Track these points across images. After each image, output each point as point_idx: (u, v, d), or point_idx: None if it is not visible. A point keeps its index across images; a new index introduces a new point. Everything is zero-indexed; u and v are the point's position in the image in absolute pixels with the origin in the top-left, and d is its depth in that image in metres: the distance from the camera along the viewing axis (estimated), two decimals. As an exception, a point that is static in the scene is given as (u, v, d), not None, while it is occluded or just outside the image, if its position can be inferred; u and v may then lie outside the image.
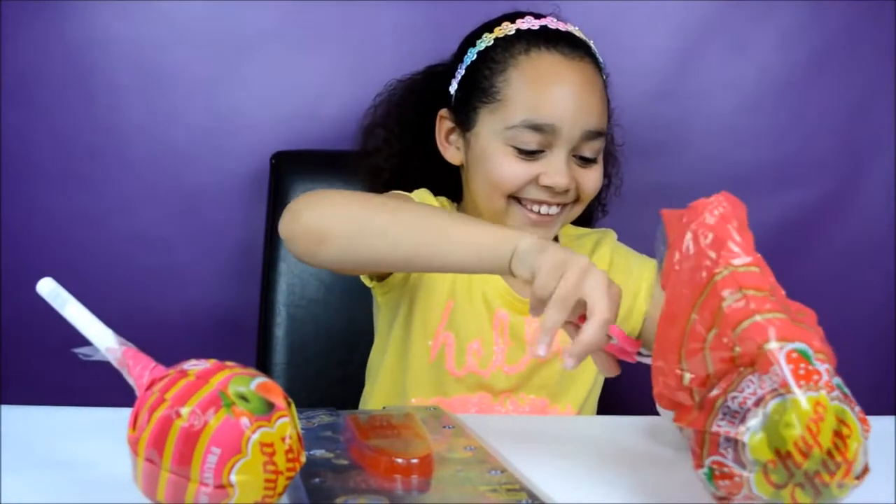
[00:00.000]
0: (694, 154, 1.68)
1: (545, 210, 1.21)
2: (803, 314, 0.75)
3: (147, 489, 0.70)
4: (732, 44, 1.67)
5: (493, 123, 1.21)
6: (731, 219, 0.75)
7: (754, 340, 0.69)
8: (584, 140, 1.19)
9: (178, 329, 1.61)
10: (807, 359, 0.69)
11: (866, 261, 1.71)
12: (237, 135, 1.62)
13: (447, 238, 0.97)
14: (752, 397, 0.68)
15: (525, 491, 0.76)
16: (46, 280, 0.79)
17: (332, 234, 1.02)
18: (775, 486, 0.67)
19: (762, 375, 0.68)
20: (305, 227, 1.03)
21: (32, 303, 0.83)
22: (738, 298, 0.71)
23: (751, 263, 0.73)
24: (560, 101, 1.19)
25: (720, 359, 0.71)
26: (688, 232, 0.75)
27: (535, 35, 1.22)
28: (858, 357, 1.71)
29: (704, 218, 0.75)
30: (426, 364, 1.24)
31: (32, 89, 1.58)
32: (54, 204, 1.60)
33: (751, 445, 0.67)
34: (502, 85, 1.21)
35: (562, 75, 1.20)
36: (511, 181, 1.19)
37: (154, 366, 0.74)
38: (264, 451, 0.67)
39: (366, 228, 1.01)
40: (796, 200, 1.69)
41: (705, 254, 0.74)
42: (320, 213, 1.04)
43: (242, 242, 1.62)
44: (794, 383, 0.68)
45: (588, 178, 1.22)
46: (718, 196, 0.77)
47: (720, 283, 0.72)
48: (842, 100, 1.68)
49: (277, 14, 1.61)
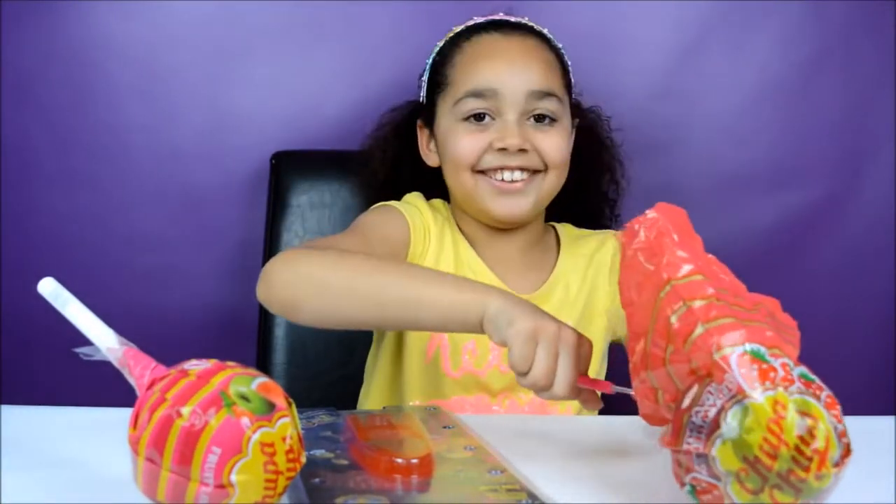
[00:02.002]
0: (694, 154, 1.68)
1: (509, 176, 1.23)
2: (759, 306, 0.74)
3: (147, 489, 0.70)
4: (732, 44, 1.67)
5: (445, 106, 1.27)
6: (670, 230, 0.75)
7: (705, 351, 0.69)
8: (533, 100, 1.23)
9: (178, 329, 1.61)
10: (760, 358, 0.68)
11: (866, 261, 1.71)
12: (237, 135, 1.62)
13: (418, 301, 0.97)
14: (713, 409, 0.68)
15: (525, 491, 0.76)
16: (47, 280, 0.79)
17: (304, 303, 1.03)
18: (752, 492, 0.67)
19: (718, 385, 0.68)
20: (278, 296, 1.04)
21: (32, 303, 0.83)
22: (683, 313, 0.71)
23: (693, 271, 0.73)
24: (499, 67, 1.24)
25: (683, 373, 0.71)
26: (628, 252, 0.76)
27: (480, 25, 1.29)
28: (858, 357, 1.72)
29: (640, 236, 0.75)
30: (422, 366, 1.25)
31: (32, 89, 1.58)
32: (54, 204, 1.60)
33: (719, 458, 0.67)
34: (450, 71, 1.27)
35: (500, 48, 1.26)
36: (468, 153, 1.23)
37: (155, 365, 0.74)
38: (265, 451, 0.67)
39: (336, 296, 1.01)
40: (796, 200, 1.69)
41: (649, 271, 0.74)
42: (290, 281, 1.04)
43: (242, 242, 1.62)
44: (748, 387, 0.67)
45: (547, 141, 1.23)
46: (653, 210, 0.77)
47: (665, 301, 0.72)
48: (842, 100, 1.68)
49: (277, 14, 1.61)
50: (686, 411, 0.69)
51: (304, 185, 1.49)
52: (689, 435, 0.69)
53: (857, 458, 0.69)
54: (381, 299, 0.99)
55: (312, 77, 1.63)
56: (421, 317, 0.98)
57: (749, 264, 1.75)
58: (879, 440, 0.91)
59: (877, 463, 0.73)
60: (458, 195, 1.29)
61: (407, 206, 1.28)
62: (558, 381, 0.88)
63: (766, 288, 0.76)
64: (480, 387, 1.24)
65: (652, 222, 0.75)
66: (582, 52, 1.58)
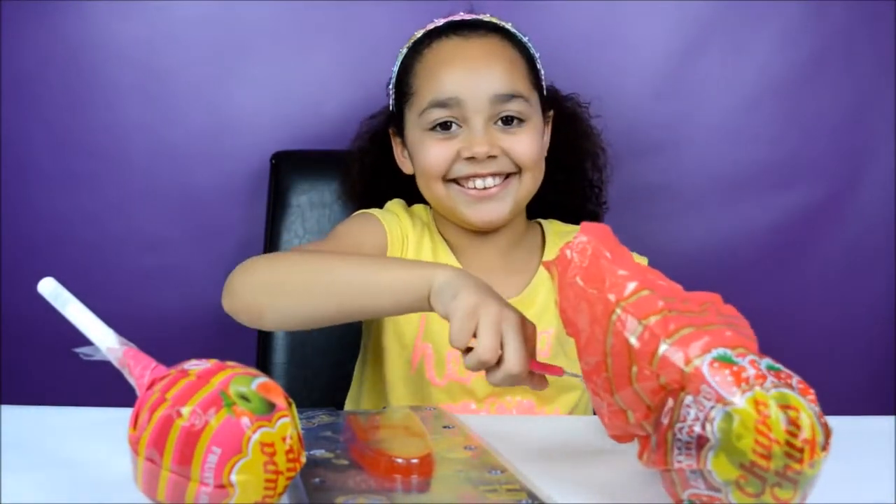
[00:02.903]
0: (693, 154, 1.68)
1: (481, 184, 1.21)
2: (707, 305, 0.74)
3: (147, 489, 0.70)
4: (732, 44, 1.67)
5: (412, 117, 1.25)
6: (602, 250, 0.75)
7: (674, 367, 0.69)
8: (498, 104, 1.20)
9: (178, 329, 1.61)
10: (729, 361, 0.69)
11: (866, 261, 1.71)
12: (237, 135, 1.62)
13: (371, 287, 0.98)
14: (697, 423, 0.68)
15: (525, 491, 0.76)
16: (48, 280, 0.79)
17: (266, 308, 1.03)
18: (754, 496, 0.67)
19: (696, 397, 0.68)
20: (242, 305, 1.05)
21: (32, 303, 0.83)
22: (641, 332, 0.71)
23: (638, 287, 0.73)
24: (459, 74, 1.21)
25: (651, 390, 0.71)
26: (566, 280, 0.75)
27: (438, 29, 1.27)
28: (858, 357, 1.72)
29: (575, 261, 0.75)
30: (407, 375, 1.25)
31: (32, 89, 1.58)
32: (54, 204, 1.60)
33: (715, 470, 0.67)
34: (413, 80, 1.25)
35: (459, 53, 1.23)
36: (436, 163, 1.21)
37: (155, 365, 0.74)
38: (265, 450, 0.67)
39: (294, 295, 1.02)
40: (796, 200, 1.69)
41: (592, 295, 0.73)
42: (251, 287, 1.04)
43: (242, 242, 1.62)
44: (726, 393, 0.67)
45: (515, 143, 1.21)
46: (579, 235, 0.76)
47: (618, 324, 0.72)
48: (842, 100, 1.68)
49: (277, 14, 1.61)
50: (668, 428, 0.69)
51: (304, 185, 1.49)
52: (678, 453, 0.69)
53: (857, 458, 0.69)
54: (336, 290, 1.00)
55: (312, 77, 1.63)
56: (378, 302, 0.99)
57: (749, 264, 1.76)
58: (879, 440, 0.91)
59: (877, 463, 0.73)
60: (432, 203, 1.28)
61: (385, 214, 1.28)
62: (509, 358, 0.87)
63: (767, 288, 0.76)
64: (466, 393, 1.24)
65: (583, 246, 0.75)
66: (582, 52, 1.59)
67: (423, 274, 0.94)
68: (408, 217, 1.29)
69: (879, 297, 1.72)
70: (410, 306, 0.96)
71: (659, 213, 1.65)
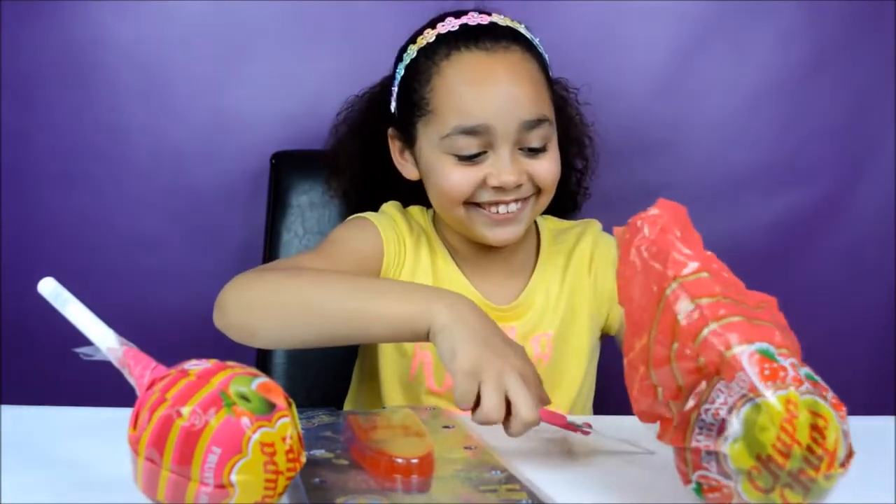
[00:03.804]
0: (693, 154, 1.68)
1: (504, 209, 1.18)
2: (763, 305, 0.74)
3: (147, 489, 0.70)
4: (732, 44, 1.67)
5: (429, 135, 1.19)
6: (673, 227, 0.75)
7: (715, 349, 0.69)
8: (525, 131, 1.16)
9: (178, 329, 1.60)
10: (770, 357, 0.69)
11: (866, 261, 1.71)
12: (237, 135, 1.62)
13: (366, 314, 0.97)
14: (724, 407, 0.68)
15: (525, 491, 0.76)
16: (48, 280, 0.79)
17: (258, 328, 1.03)
18: (763, 490, 0.67)
19: (729, 383, 0.68)
20: (233, 323, 1.04)
21: (32, 303, 0.83)
22: (691, 310, 0.71)
23: (699, 269, 0.73)
24: (488, 98, 1.15)
25: (687, 370, 0.71)
26: (632, 249, 0.75)
27: (455, 37, 1.19)
28: (858, 357, 1.72)
29: (644, 232, 0.75)
30: (406, 382, 1.24)
31: (32, 89, 1.58)
32: (54, 204, 1.60)
33: (731, 455, 0.67)
34: (430, 95, 1.18)
35: (485, 72, 1.16)
36: (459, 190, 1.17)
37: (155, 365, 0.74)
38: (265, 450, 0.67)
39: (286, 316, 1.01)
40: (796, 200, 1.69)
41: (653, 268, 0.73)
42: (243, 306, 1.03)
43: (242, 242, 1.62)
44: (761, 386, 0.67)
45: (541, 168, 1.18)
46: (655, 207, 0.76)
47: (671, 298, 0.72)
48: (841, 100, 1.68)
49: (277, 14, 1.61)
50: (694, 409, 0.70)
51: (304, 185, 1.49)
52: (697, 432, 0.69)
53: (857, 458, 0.69)
54: (329, 314, 0.99)
55: (312, 77, 1.63)
56: (372, 331, 0.98)
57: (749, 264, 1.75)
58: (879, 440, 0.91)
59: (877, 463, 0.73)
60: (447, 220, 1.24)
61: (381, 218, 1.25)
62: (520, 411, 0.86)
63: (767, 288, 0.76)
64: None
65: (654, 219, 0.75)
66: (582, 52, 1.59)
67: (421, 312, 0.93)
68: (405, 222, 1.27)
69: (879, 297, 1.72)
70: (407, 339, 0.96)
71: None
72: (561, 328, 1.26)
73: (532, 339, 1.24)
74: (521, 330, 1.24)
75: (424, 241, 1.26)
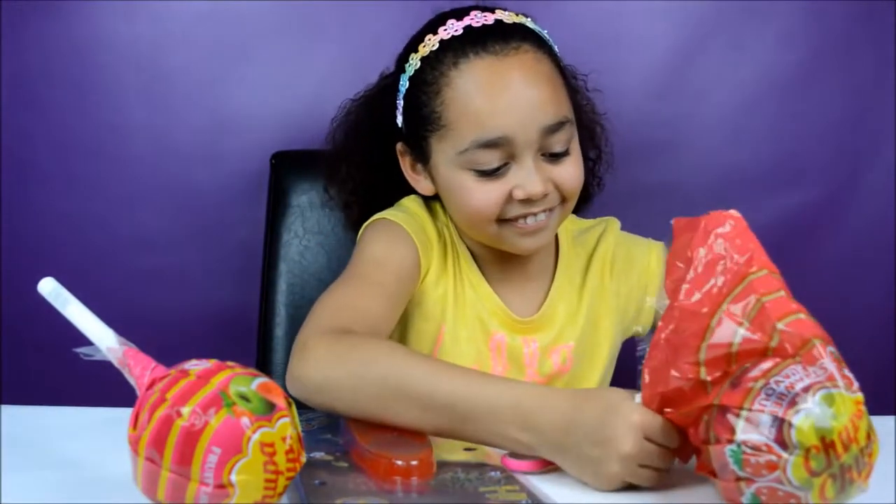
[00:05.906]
0: (693, 154, 1.68)
1: (533, 220, 1.13)
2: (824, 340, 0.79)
3: (147, 489, 0.70)
4: (732, 43, 1.66)
5: (445, 151, 1.12)
6: (751, 232, 0.81)
7: (801, 335, 0.75)
8: (547, 136, 1.10)
9: (178, 329, 1.60)
10: (843, 362, 0.75)
11: (866, 261, 1.71)
12: (237, 135, 1.62)
13: (456, 434, 0.89)
14: (801, 383, 0.71)
15: (525, 491, 0.76)
16: (48, 280, 0.79)
17: (342, 410, 0.92)
18: (812, 472, 0.70)
19: (807, 366, 0.73)
20: (314, 402, 0.94)
21: (32, 303, 0.83)
22: (776, 298, 0.77)
23: (778, 281, 0.79)
24: (505, 108, 1.08)
25: (748, 352, 0.75)
26: (712, 234, 0.80)
27: (460, 42, 1.12)
28: (858, 357, 1.71)
29: (726, 227, 0.80)
30: None
31: (32, 89, 1.58)
32: (54, 204, 1.60)
33: (798, 428, 0.70)
34: (441, 109, 1.11)
35: (498, 79, 1.09)
36: (488, 209, 1.11)
37: (155, 365, 0.75)
38: (265, 450, 0.67)
39: (370, 409, 0.91)
40: (796, 201, 1.69)
41: (734, 256, 0.79)
42: (322, 389, 0.93)
43: (242, 242, 1.62)
44: (840, 380, 0.72)
45: (565, 174, 1.12)
46: (731, 210, 0.82)
47: (757, 282, 0.77)
48: (841, 100, 1.68)
49: (277, 14, 1.61)
50: (761, 377, 0.73)
51: (304, 185, 1.48)
52: (763, 398, 0.72)
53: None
54: (424, 409, 0.89)
55: (312, 77, 1.63)
56: (463, 435, 0.89)
57: (749, 264, 1.76)
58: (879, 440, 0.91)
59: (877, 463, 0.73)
60: (472, 236, 1.18)
61: (410, 221, 1.18)
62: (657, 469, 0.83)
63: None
64: None
65: (737, 219, 0.81)
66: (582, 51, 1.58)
67: (520, 442, 0.86)
68: (430, 222, 1.21)
69: (879, 297, 1.72)
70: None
71: (659, 212, 1.65)
72: (581, 338, 1.22)
73: (553, 352, 1.21)
74: (542, 343, 1.20)
75: (449, 243, 1.21)
